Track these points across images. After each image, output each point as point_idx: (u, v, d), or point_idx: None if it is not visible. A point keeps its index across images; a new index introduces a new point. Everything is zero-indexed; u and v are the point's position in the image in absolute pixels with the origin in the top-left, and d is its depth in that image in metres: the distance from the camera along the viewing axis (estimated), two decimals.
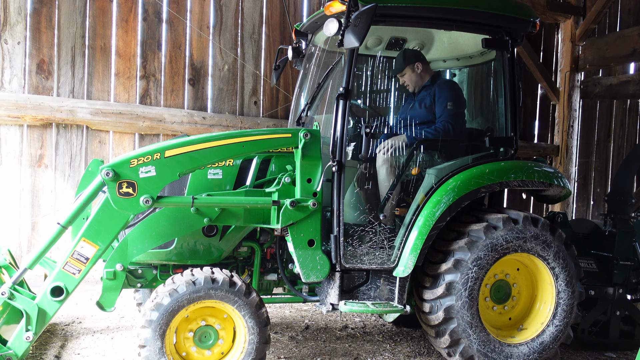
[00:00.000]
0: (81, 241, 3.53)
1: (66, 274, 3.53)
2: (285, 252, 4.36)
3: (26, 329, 3.46)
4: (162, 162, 3.58)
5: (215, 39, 7.16)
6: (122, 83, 6.79)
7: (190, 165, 3.68)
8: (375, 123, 4.57)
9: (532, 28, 4.37)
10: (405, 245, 4.03)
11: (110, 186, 3.49)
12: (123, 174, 3.50)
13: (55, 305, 3.52)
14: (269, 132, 4.01)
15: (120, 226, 3.60)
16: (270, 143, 3.91)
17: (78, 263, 3.54)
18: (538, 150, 8.99)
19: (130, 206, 3.52)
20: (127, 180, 3.50)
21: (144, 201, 3.50)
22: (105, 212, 3.56)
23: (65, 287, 3.52)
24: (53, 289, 3.51)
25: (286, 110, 7.39)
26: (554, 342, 4.18)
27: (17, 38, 6.34)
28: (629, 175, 5.23)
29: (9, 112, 6.19)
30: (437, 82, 4.60)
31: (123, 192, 3.50)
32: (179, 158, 3.62)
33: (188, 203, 3.66)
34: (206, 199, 3.75)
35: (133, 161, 3.54)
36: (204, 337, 3.70)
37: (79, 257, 3.54)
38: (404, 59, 4.64)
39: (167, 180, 3.63)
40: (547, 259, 4.13)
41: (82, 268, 3.54)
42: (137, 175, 3.52)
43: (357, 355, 4.59)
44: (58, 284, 3.51)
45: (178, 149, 3.64)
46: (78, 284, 3.56)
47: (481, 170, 4.17)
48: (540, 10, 8.46)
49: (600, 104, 9.62)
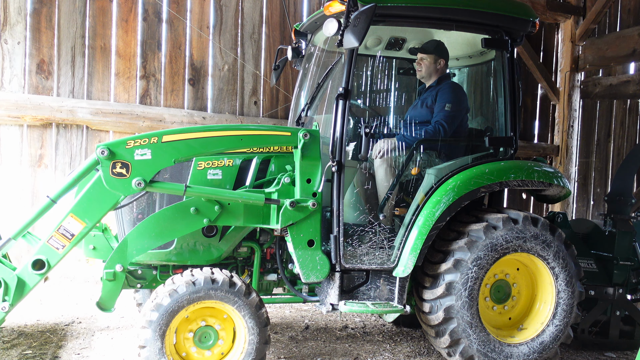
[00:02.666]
0: (69, 217, 3.52)
1: (50, 248, 3.52)
2: (285, 253, 4.36)
3: (2, 299, 3.45)
4: (158, 146, 3.59)
5: (215, 39, 7.16)
6: (122, 83, 6.78)
7: (186, 153, 3.68)
8: (375, 123, 4.57)
9: (531, 28, 4.37)
10: (405, 245, 4.03)
11: (104, 165, 3.49)
12: (118, 154, 3.50)
13: (36, 278, 3.51)
14: (268, 128, 4.02)
15: (110, 206, 3.60)
16: (269, 139, 3.91)
17: (63, 238, 3.53)
18: (538, 150, 8.99)
19: (122, 187, 3.52)
20: (121, 161, 3.50)
21: (136, 183, 3.50)
22: (96, 191, 3.56)
23: (47, 261, 3.51)
24: (35, 261, 3.50)
25: (286, 110, 7.39)
26: (554, 342, 4.18)
27: (17, 38, 6.34)
28: (629, 175, 5.23)
29: (9, 112, 6.19)
30: (442, 84, 4.60)
31: (116, 172, 3.50)
32: (176, 144, 3.63)
33: (180, 190, 3.65)
34: (198, 189, 3.75)
35: (130, 142, 3.55)
36: (203, 337, 3.70)
37: (64, 233, 3.53)
38: (435, 47, 4.63)
39: (161, 165, 3.63)
40: (547, 258, 4.13)
41: (67, 244, 3.54)
42: (132, 157, 3.53)
43: (357, 355, 4.59)
44: (40, 257, 3.51)
45: (176, 135, 3.65)
46: (60, 259, 3.55)
47: (481, 170, 4.17)
48: (540, 10, 8.45)
49: (600, 104, 9.61)
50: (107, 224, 4.57)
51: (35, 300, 5.76)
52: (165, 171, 3.97)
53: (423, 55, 4.67)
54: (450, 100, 4.45)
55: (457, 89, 4.61)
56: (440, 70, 4.67)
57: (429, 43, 4.67)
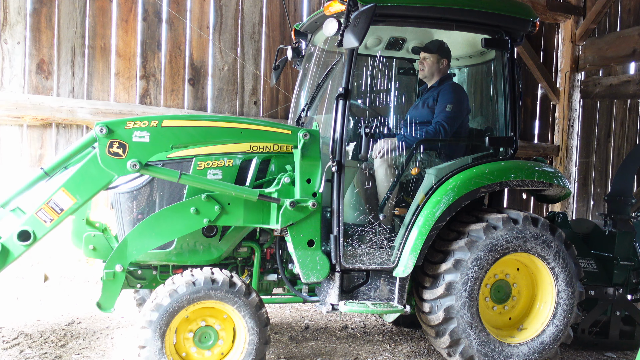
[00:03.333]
0: (60, 191, 3.50)
1: (38, 220, 3.50)
2: (285, 253, 4.35)
3: None
4: (158, 130, 3.57)
5: (215, 39, 7.16)
6: (122, 83, 6.78)
7: (184, 140, 3.67)
8: (375, 123, 4.57)
9: (531, 28, 4.37)
10: (405, 246, 4.03)
11: (102, 142, 3.47)
12: (116, 134, 3.49)
13: (20, 248, 3.49)
14: (270, 124, 3.99)
15: (102, 185, 3.58)
16: (269, 136, 3.90)
17: (52, 212, 3.51)
18: (538, 150, 8.98)
19: (117, 167, 3.51)
20: (119, 141, 3.49)
21: (131, 165, 3.49)
22: (90, 168, 3.54)
23: (33, 233, 3.49)
24: (21, 232, 3.48)
25: (286, 110, 7.38)
26: (554, 342, 4.18)
27: (17, 38, 6.34)
28: (629, 175, 5.23)
29: (8, 112, 6.18)
30: (444, 84, 4.60)
31: (113, 151, 3.49)
32: (175, 130, 3.61)
33: (175, 177, 3.63)
34: (192, 177, 3.74)
35: (129, 123, 3.53)
36: (203, 337, 3.70)
37: (54, 206, 3.50)
38: (438, 47, 4.63)
39: (158, 149, 3.61)
40: (547, 258, 4.13)
41: (55, 218, 3.51)
42: (130, 138, 3.51)
43: (357, 355, 4.59)
44: (27, 229, 3.49)
45: (176, 121, 3.65)
46: (47, 232, 3.53)
47: (481, 170, 4.16)
48: (540, 10, 8.45)
49: (600, 104, 9.61)
50: (107, 224, 4.57)
51: (35, 300, 5.76)
52: None
53: (426, 54, 4.66)
54: (452, 101, 4.43)
55: (458, 90, 4.60)
56: (443, 71, 4.67)
57: (432, 42, 4.67)
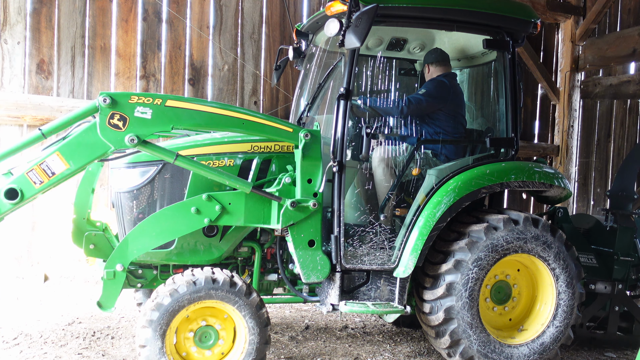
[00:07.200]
0: (54, 154, 3.46)
1: (27, 180, 3.45)
2: (286, 253, 4.35)
3: None
4: (161, 108, 3.56)
5: (215, 39, 7.16)
6: (122, 83, 6.78)
7: (185, 123, 3.65)
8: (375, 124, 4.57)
9: (533, 29, 4.37)
10: (405, 246, 4.03)
11: (103, 112, 3.45)
12: (119, 106, 3.47)
13: (5, 206, 3.46)
14: (272, 119, 3.96)
15: (97, 155, 3.54)
16: (270, 130, 3.87)
17: (43, 174, 3.46)
18: (538, 150, 8.99)
19: (115, 139, 3.48)
20: (120, 113, 3.47)
21: (129, 139, 3.46)
22: (88, 135, 3.50)
23: (21, 191, 3.45)
24: (9, 189, 3.44)
25: (286, 110, 7.38)
26: (554, 343, 4.18)
27: (17, 38, 6.33)
28: (630, 174, 5.22)
29: (9, 112, 6.18)
30: (432, 78, 4.63)
31: (113, 123, 3.47)
32: (178, 111, 3.59)
33: (171, 157, 3.62)
34: (187, 161, 3.72)
35: (134, 97, 3.52)
36: (204, 337, 3.70)
37: (45, 169, 3.46)
38: (424, 58, 4.76)
39: (158, 127, 3.59)
40: (548, 259, 4.13)
41: (45, 181, 3.47)
42: (132, 112, 3.50)
43: (357, 355, 4.59)
44: (15, 187, 3.45)
45: (181, 103, 3.63)
46: (35, 194, 3.49)
47: (482, 171, 4.17)
48: (540, 10, 8.45)
49: (600, 104, 9.61)
50: (108, 224, 4.57)
51: (35, 300, 5.76)
52: (166, 170, 3.97)
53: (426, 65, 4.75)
54: (427, 88, 4.52)
55: (439, 84, 4.57)
56: (430, 75, 4.71)
57: (429, 53, 4.72)
